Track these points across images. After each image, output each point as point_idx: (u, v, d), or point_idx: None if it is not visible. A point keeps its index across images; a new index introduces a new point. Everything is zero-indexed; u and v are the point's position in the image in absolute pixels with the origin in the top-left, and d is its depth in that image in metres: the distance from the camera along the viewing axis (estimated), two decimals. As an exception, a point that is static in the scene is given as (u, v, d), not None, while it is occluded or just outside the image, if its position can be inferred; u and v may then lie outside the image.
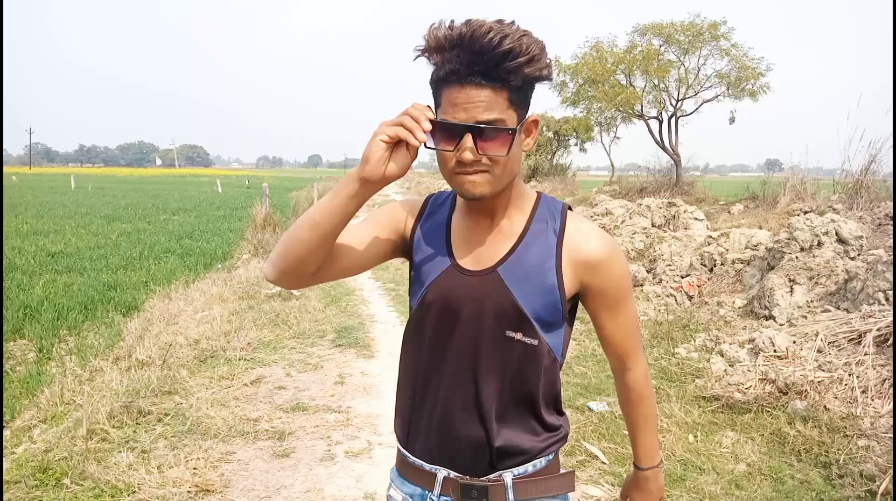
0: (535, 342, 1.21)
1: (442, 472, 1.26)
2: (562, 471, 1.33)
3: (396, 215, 1.32)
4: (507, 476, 1.25)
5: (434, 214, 1.30)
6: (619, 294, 1.26)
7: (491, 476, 1.25)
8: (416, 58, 1.11)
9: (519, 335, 1.21)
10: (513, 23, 1.07)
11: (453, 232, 1.26)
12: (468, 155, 1.08)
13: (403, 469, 1.33)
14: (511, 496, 1.25)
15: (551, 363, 1.25)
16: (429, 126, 1.05)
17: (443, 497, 1.26)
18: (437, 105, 1.12)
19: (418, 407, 1.28)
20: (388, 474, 1.39)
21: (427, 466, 1.28)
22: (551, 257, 1.21)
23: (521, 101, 1.11)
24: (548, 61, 1.09)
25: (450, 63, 1.07)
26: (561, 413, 1.33)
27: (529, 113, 1.15)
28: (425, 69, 1.16)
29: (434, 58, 1.09)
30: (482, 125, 1.07)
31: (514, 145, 1.11)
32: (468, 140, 1.08)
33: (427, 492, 1.28)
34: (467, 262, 1.23)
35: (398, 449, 1.35)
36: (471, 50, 1.04)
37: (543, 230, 1.23)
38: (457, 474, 1.26)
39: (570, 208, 1.29)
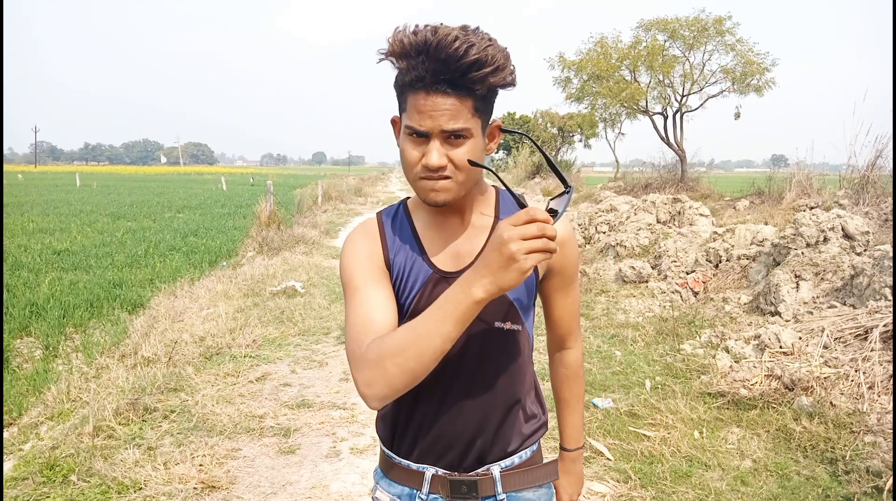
0: (520, 328, 1.26)
1: (430, 470, 1.26)
2: (545, 460, 1.35)
3: (373, 256, 1.24)
4: (495, 469, 1.27)
5: (395, 228, 1.26)
6: (573, 274, 1.31)
7: (479, 471, 1.26)
8: (380, 61, 1.11)
9: (508, 325, 1.24)
10: (477, 30, 1.07)
11: (423, 238, 1.24)
12: (434, 161, 1.08)
13: (389, 470, 1.32)
14: (499, 488, 1.26)
15: (530, 347, 1.30)
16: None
17: (431, 495, 1.27)
18: (402, 109, 1.13)
19: (407, 411, 1.27)
20: (372, 476, 1.38)
21: (414, 465, 1.27)
22: None
23: (485, 108, 1.12)
24: (512, 68, 1.10)
25: (415, 70, 1.06)
26: (540, 400, 1.36)
27: (493, 118, 1.17)
28: None
29: (399, 63, 1.09)
30: (448, 133, 1.08)
31: (477, 152, 1.12)
32: (434, 147, 1.09)
33: (415, 491, 1.28)
34: (447, 264, 1.22)
35: (382, 451, 1.34)
36: (437, 58, 1.04)
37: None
38: (445, 471, 1.26)
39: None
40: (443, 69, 1.04)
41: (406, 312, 1.21)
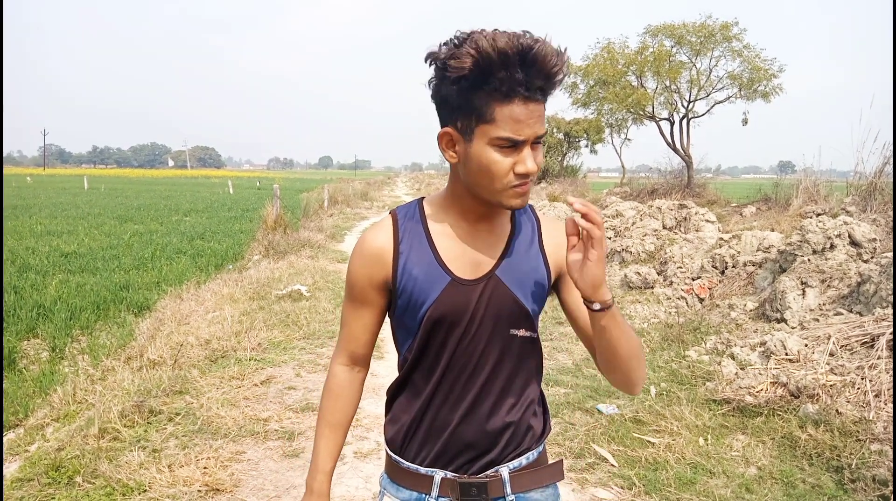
0: (534, 335, 1.28)
1: (439, 474, 1.27)
2: (550, 461, 1.36)
3: (373, 274, 1.25)
4: (504, 470, 1.27)
5: (409, 230, 1.25)
6: None
7: (488, 473, 1.27)
8: (470, 71, 1.06)
9: (521, 332, 1.25)
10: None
11: (438, 244, 1.23)
12: (533, 166, 1.11)
13: (396, 476, 1.32)
14: (508, 489, 1.27)
15: (540, 352, 1.31)
16: None
17: (441, 499, 1.27)
18: (483, 120, 1.09)
19: (420, 416, 1.27)
20: (378, 481, 1.38)
21: (423, 470, 1.28)
22: (537, 249, 1.27)
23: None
24: None
25: (512, 79, 1.06)
26: (544, 403, 1.37)
27: None
28: (428, 71, 1.14)
29: (497, 73, 1.06)
30: (536, 138, 1.12)
31: (542, 155, 1.16)
32: (529, 153, 1.11)
33: (424, 496, 1.28)
34: (464, 271, 1.23)
35: (388, 457, 1.34)
36: (533, 66, 1.06)
37: (526, 225, 1.29)
38: (454, 474, 1.26)
39: None
40: (538, 76, 1.07)
41: (423, 317, 1.21)
